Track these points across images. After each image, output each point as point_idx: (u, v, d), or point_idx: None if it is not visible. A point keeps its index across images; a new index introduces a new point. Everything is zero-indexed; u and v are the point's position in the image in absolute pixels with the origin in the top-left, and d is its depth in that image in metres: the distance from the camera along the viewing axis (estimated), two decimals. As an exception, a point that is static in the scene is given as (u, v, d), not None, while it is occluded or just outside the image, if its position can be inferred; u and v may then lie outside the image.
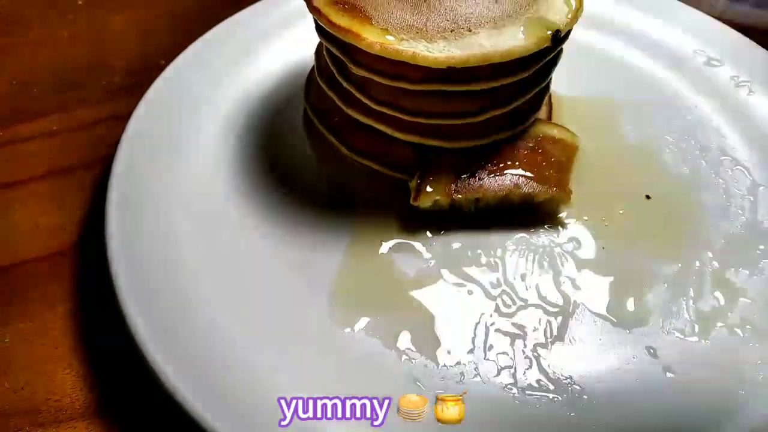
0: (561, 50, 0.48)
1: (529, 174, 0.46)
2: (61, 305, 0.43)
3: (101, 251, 0.41)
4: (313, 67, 0.51)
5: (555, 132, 0.49)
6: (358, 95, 0.46)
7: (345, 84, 0.46)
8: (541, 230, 0.46)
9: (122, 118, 0.48)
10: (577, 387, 0.39)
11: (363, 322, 0.41)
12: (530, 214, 0.46)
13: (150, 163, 0.46)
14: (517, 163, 0.46)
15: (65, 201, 0.48)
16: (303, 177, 0.49)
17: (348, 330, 0.41)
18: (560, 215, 0.47)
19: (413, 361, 0.40)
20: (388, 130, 0.46)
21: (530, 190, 0.46)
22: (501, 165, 0.46)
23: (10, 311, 0.43)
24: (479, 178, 0.46)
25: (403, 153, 0.48)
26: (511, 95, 0.46)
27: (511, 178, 0.46)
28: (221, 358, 0.38)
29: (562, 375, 0.39)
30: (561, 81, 0.54)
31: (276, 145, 0.50)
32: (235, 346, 0.39)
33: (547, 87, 0.50)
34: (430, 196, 0.45)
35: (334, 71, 0.47)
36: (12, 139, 0.52)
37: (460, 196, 0.45)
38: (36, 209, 0.48)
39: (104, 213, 0.43)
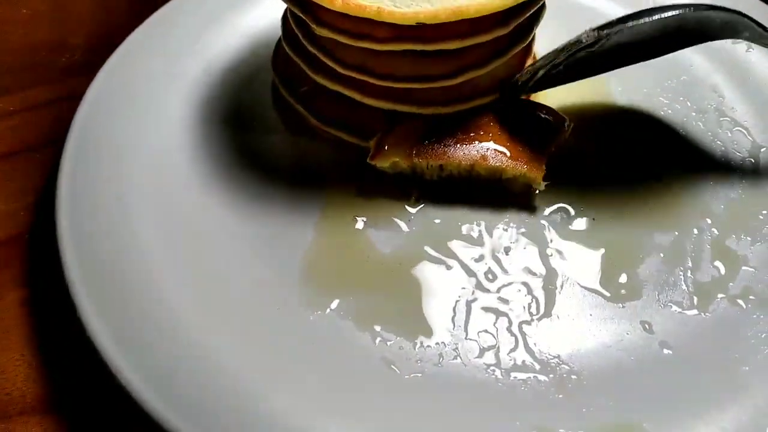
0: (544, 5, 0.44)
1: (499, 147, 0.42)
2: (12, 293, 0.40)
3: (55, 236, 0.39)
4: (280, 36, 0.48)
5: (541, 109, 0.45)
6: (324, 59, 0.42)
7: (310, 48, 0.43)
8: (527, 201, 0.43)
9: (80, 98, 0.45)
10: (566, 366, 0.36)
11: (335, 303, 0.38)
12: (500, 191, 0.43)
13: (105, 141, 0.43)
14: (490, 135, 0.42)
15: (21, 184, 0.46)
16: (270, 150, 0.45)
17: (319, 312, 0.38)
18: (533, 194, 0.43)
19: (388, 343, 0.37)
20: (357, 96, 0.43)
21: (497, 164, 0.41)
22: (472, 134, 0.43)
23: (-42, 300, 0.40)
24: (445, 144, 0.42)
25: (375, 121, 0.45)
26: (489, 55, 0.42)
27: (479, 149, 0.42)
28: (181, 348, 0.35)
29: (549, 354, 0.36)
30: (546, 41, 0.51)
31: (242, 118, 0.47)
32: (197, 334, 0.36)
33: (530, 47, 0.46)
34: (388, 156, 0.42)
35: (299, 35, 0.43)
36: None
37: (421, 160, 0.42)
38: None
39: (55, 197, 0.40)
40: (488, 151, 0.42)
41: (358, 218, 0.42)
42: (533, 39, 0.46)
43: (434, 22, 0.38)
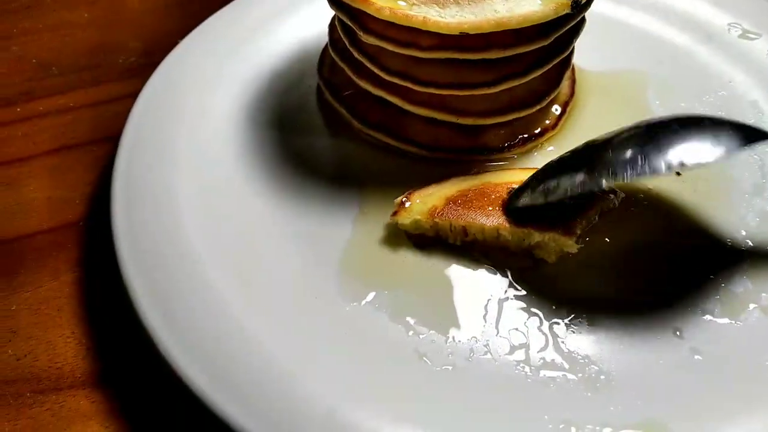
0: (584, 19, 0.46)
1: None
2: (65, 275, 0.43)
3: (108, 224, 0.41)
4: (327, 42, 0.50)
5: None
6: (369, 66, 0.44)
7: (356, 54, 0.45)
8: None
9: (137, 97, 0.48)
10: (595, 367, 0.36)
11: (371, 295, 0.39)
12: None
13: (158, 138, 0.46)
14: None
15: (76, 175, 0.48)
16: (314, 151, 0.47)
17: (355, 304, 0.39)
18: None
19: (420, 336, 0.38)
20: (399, 102, 0.45)
21: (523, 228, 0.40)
22: (498, 199, 0.41)
23: (17, 280, 0.42)
24: (470, 207, 0.41)
25: (417, 127, 0.47)
26: (529, 65, 0.44)
27: (504, 212, 0.41)
28: (224, 330, 0.37)
29: (578, 354, 0.37)
30: (585, 54, 0.53)
31: (288, 120, 0.49)
32: (239, 318, 0.38)
33: (569, 59, 0.48)
34: (410, 214, 0.41)
35: (346, 42, 0.45)
36: (29, 115, 0.52)
37: (443, 220, 0.41)
38: (48, 183, 0.48)
39: (110, 186, 0.42)
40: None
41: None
42: (572, 52, 0.47)
43: (477, 32, 0.40)
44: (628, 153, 0.36)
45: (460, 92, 0.43)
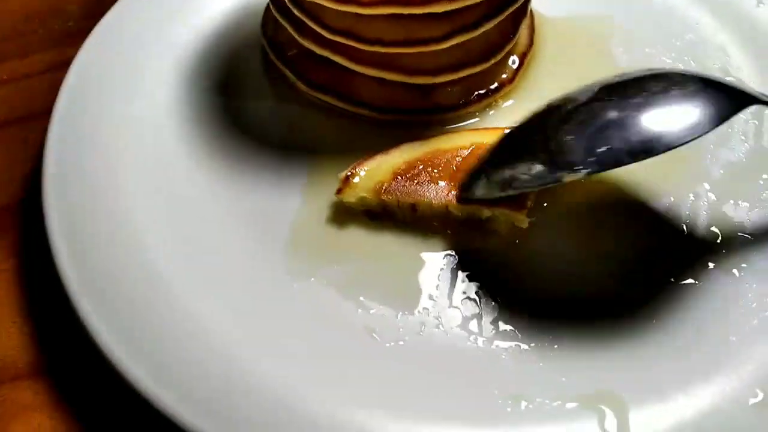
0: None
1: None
2: (4, 262, 0.41)
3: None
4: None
5: None
6: (311, 24, 0.41)
7: (297, 12, 0.42)
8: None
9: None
10: (548, 336, 0.35)
11: (321, 271, 0.38)
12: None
13: (92, 110, 0.43)
14: (459, 170, 0.39)
15: (13, 154, 0.46)
16: (259, 117, 0.45)
17: (303, 281, 0.38)
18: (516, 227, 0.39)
19: (371, 311, 0.36)
20: (345, 62, 0.42)
21: (473, 206, 0.38)
22: (449, 171, 0.39)
23: (-49, 267, 0.41)
24: (418, 182, 0.39)
25: (366, 87, 0.44)
26: (480, 17, 0.41)
27: (452, 188, 0.39)
28: (164, 314, 0.36)
29: (531, 324, 0.36)
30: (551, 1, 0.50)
31: (232, 84, 0.46)
32: (180, 300, 0.36)
33: (525, 6, 0.45)
34: (356, 191, 0.39)
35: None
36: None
37: (390, 197, 0.39)
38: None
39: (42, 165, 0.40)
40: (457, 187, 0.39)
41: (345, 186, 0.41)
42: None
43: (419, -16, 0.37)
44: (590, 141, 0.34)
45: (408, 49, 0.41)
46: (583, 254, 0.38)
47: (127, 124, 0.43)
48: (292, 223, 0.40)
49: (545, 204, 0.40)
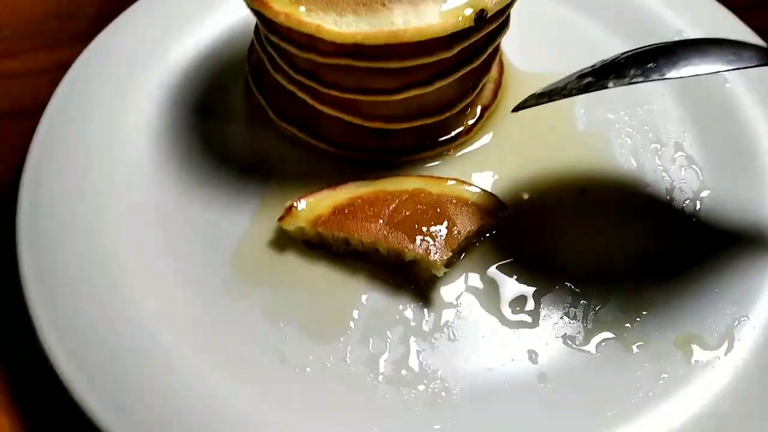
0: (506, 24, 0.45)
1: (406, 228, 0.41)
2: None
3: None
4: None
5: (471, 196, 0.44)
6: (279, 62, 0.45)
7: (269, 48, 0.45)
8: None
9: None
10: (440, 382, 0.38)
11: (253, 291, 0.42)
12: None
13: (78, 115, 0.47)
14: (403, 214, 0.42)
15: (10, 144, 0.50)
16: (228, 138, 0.49)
17: (234, 299, 0.41)
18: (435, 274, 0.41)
19: (286, 336, 0.40)
20: (309, 100, 0.45)
21: (395, 244, 0.41)
22: (385, 211, 0.42)
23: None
24: (353, 218, 0.42)
25: (329, 125, 0.47)
26: (434, 74, 0.44)
27: (384, 227, 0.42)
28: (104, 315, 0.40)
29: (429, 368, 0.39)
30: (525, 55, 0.52)
31: (211, 104, 0.50)
32: (121, 302, 0.40)
33: (487, 66, 0.47)
34: (295, 221, 0.42)
35: (263, 34, 0.46)
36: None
37: (325, 230, 0.42)
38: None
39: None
40: (391, 230, 0.41)
41: (294, 213, 0.45)
42: (491, 59, 0.47)
43: (372, 43, 0.40)
44: (639, 61, 0.37)
45: (362, 97, 0.44)
46: (487, 306, 0.41)
47: (107, 131, 0.47)
48: (239, 241, 0.44)
49: (462, 256, 0.43)
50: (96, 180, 0.45)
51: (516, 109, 0.42)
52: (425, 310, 0.41)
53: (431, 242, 0.41)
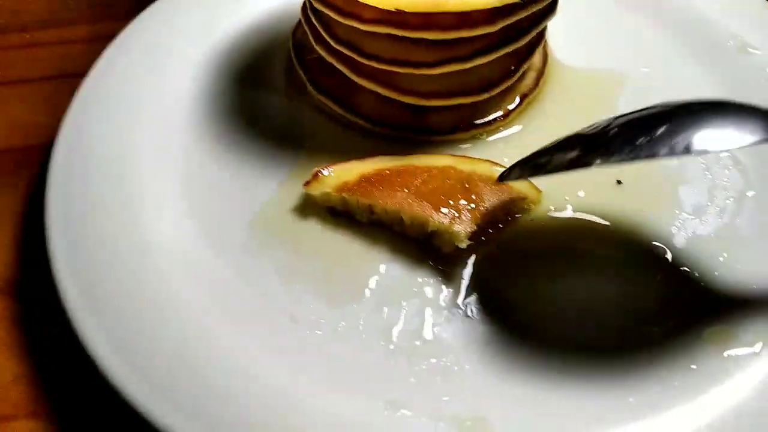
0: (553, 10, 0.45)
1: (431, 199, 0.40)
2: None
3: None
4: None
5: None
6: (322, 32, 0.45)
7: (313, 19, 0.46)
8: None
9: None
10: (453, 356, 0.37)
11: (270, 252, 0.41)
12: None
13: (121, 79, 0.48)
14: (431, 185, 0.41)
15: (57, 103, 0.52)
16: (266, 109, 0.49)
17: (254, 258, 0.41)
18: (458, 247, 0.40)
19: (301, 300, 0.39)
20: (347, 72, 0.45)
21: (419, 212, 0.40)
22: (412, 182, 0.41)
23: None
24: (379, 185, 0.41)
25: (365, 100, 0.47)
26: (475, 51, 0.43)
27: (409, 196, 0.41)
28: (123, 269, 0.40)
29: (444, 341, 0.37)
30: (571, 48, 0.51)
31: (253, 75, 0.51)
32: (139, 253, 0.40)
33: (531, 50, 0.46)
34: (321, 185, 0.42)
35: (307, 6, 0.46)
36: (36, 42, 0.57)
37: (350, 196, 0.41)
38: (30, 107, 0.52)
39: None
40: (417, 199, 0.41)
41: (322, 184, 0.45)
42: (535, 44, 0.46)
43: (414, 11, 0.40)
44: (629, 134, 0.33)
45: (400, 69, 0.43)
46: (521, 294, 0.39)
47: (150, 95, 0.48)
48: (262, 206, 0.43)
49: (488, 234, 0.42)
50: (129, 140, 0.46)
51: (500, 179, 0.40)
52: (443, 285, 0.40)
53: (456, 214, 0.40)
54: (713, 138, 0.32)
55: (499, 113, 0.47)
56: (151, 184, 0.44)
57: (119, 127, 0.46)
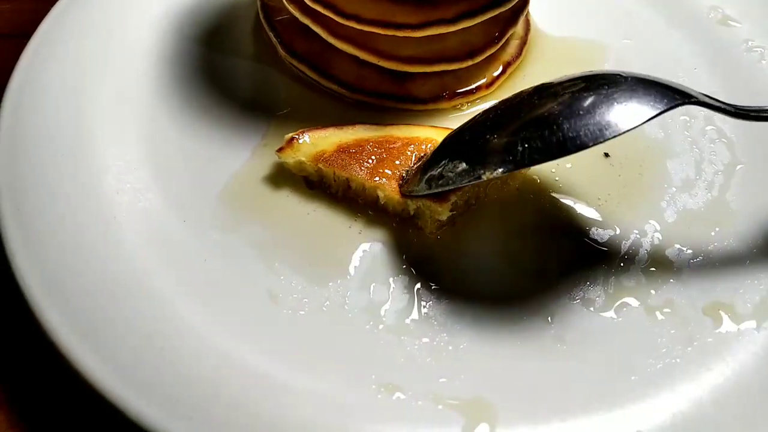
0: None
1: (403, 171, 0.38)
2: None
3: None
4: (273, -38, 0.47)
5: None
6: (296, -10, 0.42)
7: (286, -24, 0.42)
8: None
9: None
10: (446, 336, 0.35)
11: (244, 227, 0.38)
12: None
13: (74, 35, 0.44)
14: (410, 163, 0.39)
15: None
16: (234, 73, 0.45)
17: (225, 234, 0.38)
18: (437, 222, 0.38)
19: (280, 277, 0.36)
20: (323, 34, 0.42)
21: (398, 197, 0.37)
22: (393, 159, 0.39)
23: None
24: (358, 159, 0.38)
25: (343, 64, 0.44)
26: (460, 13, 0.41)
27: (390, 174, 0.38)
28: (82, 241, 0.36)
29: (435, 321, 0.35)
30: (552, 18, 0.50)
31: (217, 38, 0.47)
32: (103, 224, 0.37)
33: (515, 17, 0.44)
34: (296, 153, 0.39)
35: (278, -38, 0.43)
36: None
37: (327, 167, 0.38)
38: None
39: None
40: (397, 177, 0.38)
41: (296, 153, 0.41)
42: (519, 11, 0.44)
43: (398, -34, 0.37)
44: (510, 141, 0.33)
45: (381, 31, 0.41)
46: (504, 269, 0.38)
47: (106, 56, 0.44)
48: (232, 176, 0.40)
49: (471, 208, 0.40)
50: (85, 102, 0.42)
51: (404, 196, 0.38)
52: (433, 263, 0.37)
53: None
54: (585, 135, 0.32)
55: (482, 81, 0.45)
56: (109, 151, 0.40)
57: (74, 88, 0.42)
